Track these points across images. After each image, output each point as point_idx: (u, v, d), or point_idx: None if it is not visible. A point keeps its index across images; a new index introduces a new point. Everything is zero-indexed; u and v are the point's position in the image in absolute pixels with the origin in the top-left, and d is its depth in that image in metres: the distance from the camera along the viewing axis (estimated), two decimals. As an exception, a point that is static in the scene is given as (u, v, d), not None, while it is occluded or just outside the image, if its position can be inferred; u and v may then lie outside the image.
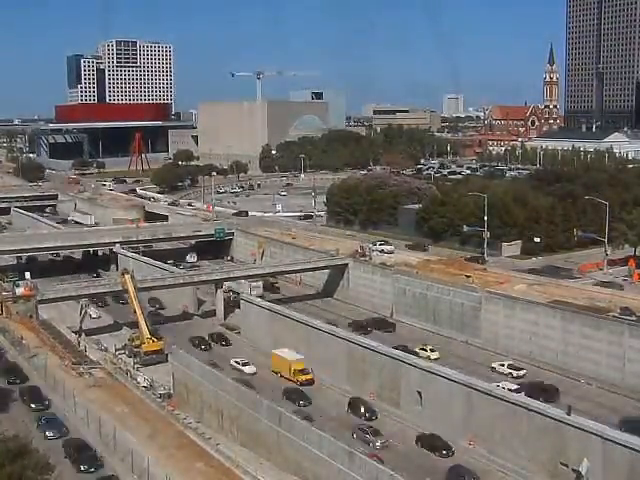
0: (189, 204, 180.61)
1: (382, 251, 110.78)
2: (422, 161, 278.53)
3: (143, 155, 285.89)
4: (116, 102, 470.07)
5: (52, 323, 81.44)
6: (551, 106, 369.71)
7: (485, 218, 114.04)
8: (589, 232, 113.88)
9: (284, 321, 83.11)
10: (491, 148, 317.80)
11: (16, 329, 77.14)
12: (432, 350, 79.95)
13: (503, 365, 75.89)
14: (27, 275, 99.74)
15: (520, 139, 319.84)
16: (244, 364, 78.38)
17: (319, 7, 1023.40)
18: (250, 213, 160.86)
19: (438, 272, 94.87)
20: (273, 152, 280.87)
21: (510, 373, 74.16)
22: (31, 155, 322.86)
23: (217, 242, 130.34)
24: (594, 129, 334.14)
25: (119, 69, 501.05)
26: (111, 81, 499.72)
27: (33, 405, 60.44)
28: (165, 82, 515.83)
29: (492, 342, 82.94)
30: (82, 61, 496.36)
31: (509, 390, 62.91)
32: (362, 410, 65.60)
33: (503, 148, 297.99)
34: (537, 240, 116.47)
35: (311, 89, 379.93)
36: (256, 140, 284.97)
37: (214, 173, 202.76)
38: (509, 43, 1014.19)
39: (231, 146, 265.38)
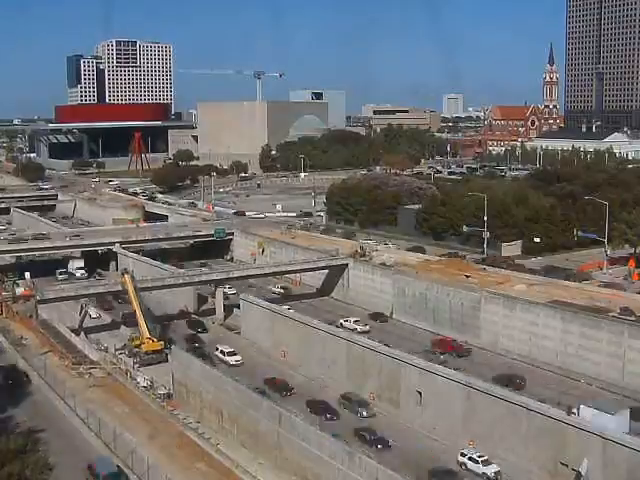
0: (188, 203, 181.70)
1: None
2: (422, 161, 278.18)
3: (143, 155, 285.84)
4: (116, 102, 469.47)
5: (52, 323, 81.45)
6: (551, 106, 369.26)
7: (485, 218, 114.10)
8: (589, 232, 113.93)
9: (284, 321, 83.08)
10: (491, 148, 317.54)
11: (16, 329, 77.22)
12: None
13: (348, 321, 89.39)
14: (27, 275, 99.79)
15: (520, 139, 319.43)
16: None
17: (319, 7, 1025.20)
18: (248, 213, 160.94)
19: (438, 272, 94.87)
20: (273, 152, 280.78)
21: (355, 329, 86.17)
22: (31, 155, 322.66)
23: (217, 242, 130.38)
24: (594, 129, 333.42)
25: (119, 69, 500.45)
26: (111, 81, 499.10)
27: None
28: (165, 82, 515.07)
29: (491, 342, 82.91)
30: (82, 61, 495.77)
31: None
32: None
33: (503, 148, 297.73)
34: (537, 240, 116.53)
35: (311, 89, 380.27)
36: (256, 140, 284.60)
37: (214, 173, 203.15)
38: (509, 43, 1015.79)
39: (231, 146, 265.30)
